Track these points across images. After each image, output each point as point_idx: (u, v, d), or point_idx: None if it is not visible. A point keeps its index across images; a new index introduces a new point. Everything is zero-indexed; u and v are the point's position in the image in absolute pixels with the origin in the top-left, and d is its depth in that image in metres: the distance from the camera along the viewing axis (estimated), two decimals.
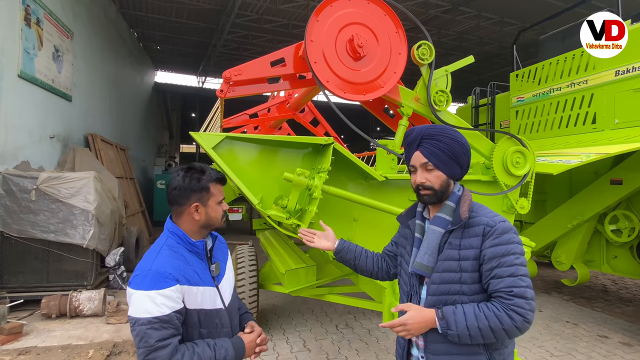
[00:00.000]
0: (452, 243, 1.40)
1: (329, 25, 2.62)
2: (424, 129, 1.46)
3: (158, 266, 1.36)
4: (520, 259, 1.32)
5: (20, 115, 5.69)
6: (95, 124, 8.88)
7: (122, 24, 11.52)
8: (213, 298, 1.48)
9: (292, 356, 3.81)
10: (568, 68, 5.15)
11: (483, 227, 1.36)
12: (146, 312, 1.29)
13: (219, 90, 2.82)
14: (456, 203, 1.44)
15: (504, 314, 1.27)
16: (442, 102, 2.92)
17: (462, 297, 1.37)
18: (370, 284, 3.44)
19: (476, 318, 1.29)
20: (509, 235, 1.34)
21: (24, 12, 5.67)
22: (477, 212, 1.42)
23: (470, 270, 1.36)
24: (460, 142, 1.43)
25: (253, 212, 9.89)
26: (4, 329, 3.87)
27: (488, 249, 1.34)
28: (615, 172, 4.59)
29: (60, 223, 4.93)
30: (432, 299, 1.41)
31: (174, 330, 1.33)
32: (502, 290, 1.29)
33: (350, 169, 2.54)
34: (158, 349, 1.28)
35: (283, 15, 11.44)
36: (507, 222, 1.38)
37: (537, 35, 7.37)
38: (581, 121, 4.93)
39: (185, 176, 1.46)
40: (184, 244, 1.47)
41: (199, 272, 1.45)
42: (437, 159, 1.41)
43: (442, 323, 1.33)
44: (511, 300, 1.27)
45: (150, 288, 1.31)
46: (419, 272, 1.44)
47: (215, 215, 1.50)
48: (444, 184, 1.42)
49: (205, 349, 1.38)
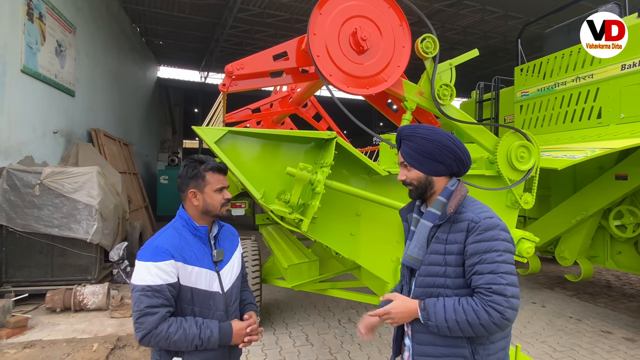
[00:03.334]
0: (439, 237, 1.43)
1: (332, 18, 2.59)
2: (401, 129, 1.52)
3: (159, 242, 1.53)
4: (503, 256, 1.33)
5: (24, 110, 5.70)
6: (98, 119, 8.89)
7: (125, 19, 11.49)
8: (210, 280, 1.60)
9: (294, 350, 3.83)
10: (573, 62, 5.10)
11: (468, 223, 1.38)
12: (142, 280, 1.46)
13: (221, 85, 2.80)
14: (447, 198, 1.45)
15: (481, 310, 1.29)
16: (447, 96, 2.89)
17: (446, 290, 1.40)
18: (373, 279, 3.44)
19: (455, 311, 1.32)
20: (494, 232, 1.35)
21: (27, 7, 5.66)
22: (466, 208, 1.43)
23: (454, 265, 1.38)
24: (433, 141, 1.44)
25: (256, 207, 9.91)
26: (9, 323, 3.90)
27: (470, 245, 1.36)
28: (620, 167, 4.55)
29: (64, 218, 4.95)
30: (418, 290, 1.45)
31: (164, 300, 1.47)
32: (481, 287, 1.31)
33: (353, 163, 2.53)
34: (147, 315, 1.43)
35: (285, 9, 11.37)
36: (495, 218, 1.38)
37: (542, 29, 7.29)
38: (586, 116, 4.89)
39: (186, 166, 1.64)
40: (188, 227, 1.62)
41: (198, 254, 1.59)
42: (412, 159, 1.47)
43: (423, 314, 1.38)
44: (489, 297, 1.29)
45: (148, 260, 1.48)
46: (408, 264, 1.49)
47: (211, 202, 1.61)
48: (423, 180, 1.47)
49: (192, 325, 1.50)
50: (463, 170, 1.50)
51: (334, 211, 2.52)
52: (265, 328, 4.35)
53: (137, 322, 1.44)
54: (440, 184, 1.48)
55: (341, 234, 2.58)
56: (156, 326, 1.43)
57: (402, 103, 2.98)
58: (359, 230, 2.63)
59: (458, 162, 1.47)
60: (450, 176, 1.50)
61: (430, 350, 1.41)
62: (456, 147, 1.46)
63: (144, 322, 1.43)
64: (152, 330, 1.43)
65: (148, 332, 1.43)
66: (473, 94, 7.46)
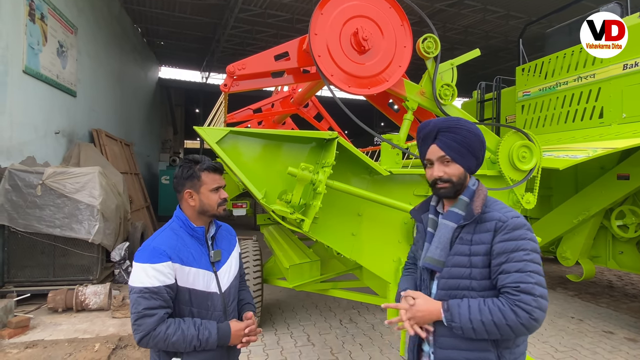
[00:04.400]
0: (463, 238, 1.38)
1: (333, 18, 2.59)
2: (440, 121, 1.43)
3: (156, 244, 1.52)
4: (530, 255, 1.29)
5: (26, 110, 5.72)
6: (100, 119, 8.90)
7: (126, 19, 11.51)
8: (207, 281, 1.59)
9: (296, 350, 3.83)
10: (575, 62, 5.09)
11: (495, 222, 1.33)
12: (139, 281, 1.46)
13: (222, 85, 2.80)
14: (470, 197, 1.41)
15: (508, 309, 1.24)
16: (448, 96, 2.89)
17: (471, 292, 1.34)
18: (374, 279, 3.44)
19: (480, 312, 1.27)
20: (521, 231, 1.31)
21: (28, 8, 5.68)
22: (490, 207, 1.39)
23: (481, 266, 1.34)
24: (476, 134, 1.41)
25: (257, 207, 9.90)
26: (11, 323, 3.91)
27: (498, 244, 1.31)
28: (622, 167, 4.54)
29: (65, 218, 4.96)
30: (441, 293, 1.39)
31: (162, 302, 1.47)
32: (508, 286, 1.27)
33: (355, 163, 2.53)
34: (145, 316, 1.43)
35: (287, 9, 11.38)
36: (521, 217, 1.34)
37: (543, 29, 7.28)
38: (588, 115, 4.88)
39: (181, 166, 1.64)
40: (185, 227, 1.62)
41: (195, 255, 1.58)
42: (455, 152, 1.39)
43: (446, 315, 1.32)
44: (517, 296, 1.24)
45: (145, 261, 1.48)
46: (429, 266, 1.42)
47: (208, 202, 1.61)
48: (462, 176, 1.40)
49: (190, 326, 1.50)
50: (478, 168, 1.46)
51: (335, 211, 2.52)
52: (267, 328, 4.35)
53: (136, 324, 1.44)
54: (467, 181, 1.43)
55: (342, 234, 2.58)
56: (154, 328, 1.43)
57: (404, 103, 2.98)
58: (360, 230, 2.62)
59: (483, 159, 1.45)
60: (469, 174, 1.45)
61: (454, 355, 1.35)
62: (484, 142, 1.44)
63: (142, 324, 1.43)
64: (150, 332, 1.43)
65: (146, 333, 1.43)
66: (474, 94, 7.45)
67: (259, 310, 4.10)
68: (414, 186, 2.78)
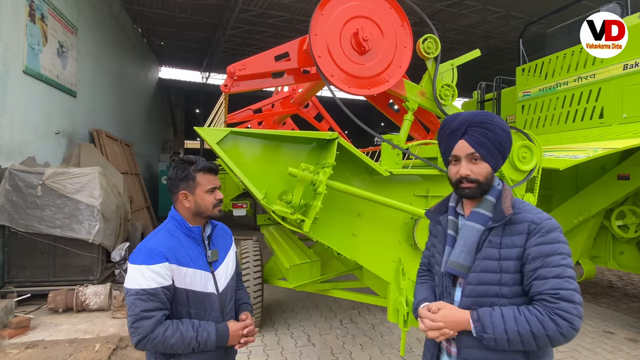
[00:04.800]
0: (492, 241, 1.27)
1: (333, 18, 2.59)
2: (471, 115, 1.33)
3: (152, 245, 1.50)
4: (567, 259, 1.21)
5: (26, 111, 5.72)
6: (100, 119, 8.90)
7: (126, 20, 11.52)
8: (205, 282, 1.58)
9: (296, 351, 3.83)
10: (575, 62, 5.09)
11: (528, 224, 1.24)
12: (136, 283, 1.43)
13: (223, 85, 2.81)
14: (497, 198, 1.31)
15: (547, 319, 1.15)
16: (448, 96, 2.90)
17: (501, 299, 1.24)
18: (374, 279, 3.44)
19: (516, 321, 1.17)
20: (555, 234, 1.23)
21: (29, 8, 5.68)
22: (519, 208, 1.29)
23: (512, 272, 1.24)
24: (508, 132, 1.31)
25: (257, 207, 9.92)
26: (11, 323, 3.91)
27: (532, 248, 1.22)
28: (622, 167, 4.54)
29: (66, 218, 4.97)
30: (468, 300, 1.28)
31: (160, 304, 1.44)
32: (546, 293, 1.17)
33: (355, 164, 2.53)
34: (143, 319, 1.41)
35: (287, 9, 11.38)
36: (553, 219, 1.26)
37: (543, 29, 7.27)
38: (588, 116, 4.88)
39: (175, 167, 1.62)
40: (182, 228, 1.60)
41: (192, 256, 1.56)
42: (485, 150, 1.28)
43: (477, 325, 1.22)
44: (556, 304, 1.15)
45: (142, 263, 1.45)
46: (453, 271, 1.32)
47: (203, 203, 1.59)
48: (489, 176, 1.30)
49: (188, 328, 1.48)
50: None
51: (335, 211, 2.51)
52: (267, 328, 4.35)
53: (133, 327, 1.41)
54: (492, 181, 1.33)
55: (343, 234, 2.58)
56: (152, 330, 1.41)
57: (404, 103, 2.98)
58: (360, 231, 2.62)
59: None
60: None
61: None
62: None
63: (139, 327, 1.40)
64: (148, 335, 1.41)
65: (144, 336, 1.41)
66: (475, 94, 7.45)
67: (259, 310, 4.09)
68: (414, 186, 2.78)
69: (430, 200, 2.80)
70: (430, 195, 2.79)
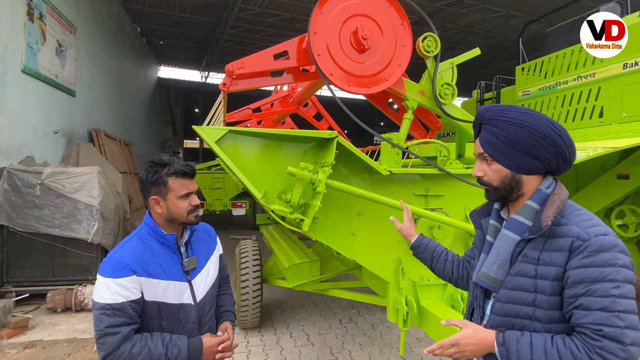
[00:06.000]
0: (527, 255, 1.10)
1: (332, 17, 2.58)
2: (484, 109, 1.19)
3: (119, 256, 1.42)
4: (621, 288, 0.99)
5: (24, 110, 5.70)
6: (99, 119, 8.89)
7: (125, 19, 11.50)
8: (179, 292, 1.48)
9: (295, 350, 3.82)
10: (575, 61, 5.08)
11: (572, 240, 1.04)
12: (102, 297, 1.35)
13: (221, 84, 2.79)
14: (541, 204, 1.12)
15: (585, 357, 0.97)
16: (448, 95, 2.89)
17: (534, 323, 1.08)
18: (374, 279, 3.43)
19: (545, 353, 1.01)
20: (609, 255, 1.00)
21: (27, 7, 5.66)
22: (568, 219, 1.08)
23: (549, 293, 1.06)
24: (528, 127, 1.10)
25: (256, 206, 9.91)
26: (10, 323, 3.90)
27: (574, 270, 1.02)
28: (622, 166, 4.53)
29: (64, 218, 4.95)
30: (497, 319, 1.15)
31: (127, 319, 1.36)
32: (587, 327, 0.99)
33: (354, 163, 2.52)
34: (107, 335, 1.33)
35: (286, 8, 11.36)
36: (611, 235, 1.03)
37: (543, 28, 7.27)
38: (588, 115, 4.87)
39: (146, 170, 1.49)
40: (155, 235, 1.50)
41: (165, 266, 1.46)
42: (495, 150, 1.14)
43: (501, 350, 1.07)
44: (599, 342, 0.97)
45: (108, 275, 1.37)
46: (483, 284, 1.19)
47: (176, 210, 1.48)
48: (506, 180, 1.14)
49: (158, 343, 1.39)
50: (563, 167, 1.16)
51: (335, 211, 2.51)
52: (266, 328, 4.34)
53: (99, 342, 1.34)
54: (530, 184, 1.14)
55: (342, 233, 2.57)
56: (118, 347, 1.33)
57: (404, 102, 2.97)
58: (360, 230, 2.61)
59: (559, 157, 1.12)
60: (544, 175, 1.16)
61: None
62: (560, 137, 1.10)
63: (105, 343, 1.33)
64: (113, 351, 1.33)
65: (109, 352, 1.33)
66: (474, 93, 7.44)
67: (258, 310, 4.08)
68: (414, 186, 2.77)
69: (430, 200, 2.79)
70: (430, 194, 2.79)
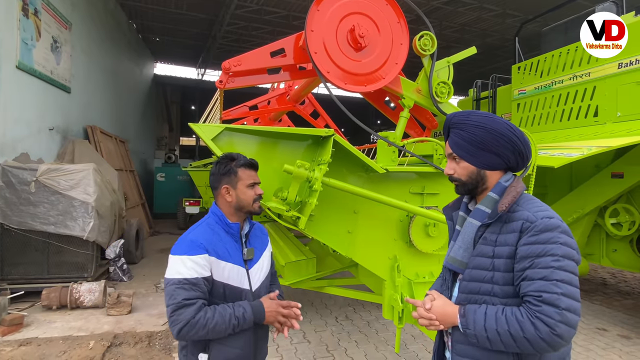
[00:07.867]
0: (487, 238, 1.28)
1: (329, 15, 2.58)
2: (451, 116, 1.36)
3: (193, 237, 1.55)
4: (561, 261, 1.14)
5: (19, 106, 5.66)
6: (95, 116, 8.83)
7: (121, 15, 11.42)
8: (240, 278, 1.62)
9: (292, 347, 3.83)
10: (570, 60, 5.11)
11: (522, 222, 1.21)
12: (178, 273, 1.47)
13: (218, 81, 2.79)
14: (500, 194, 1.30)
15: (527, 321, 1.13)
16: (444, 93, 2.90)
17: (493, 298, 1.24)
18: (370, 276, 3.44)
19: (496, 320, 1.17)
20: (551, 234, 1.17)
21: (22, 3, 5.61)
22: (521, 206, 1.26)
23: (503, 270, 1.23)
24: (488, 129, 1.28)
25: None
26: (5, 320, 3.88)
27: (522, 247, 1.19)
28: (616, 165, 4.57)
29: (60, 215, 4.93)
30: (462, 297, 1.32)
31: (200, 293, 1.48)
32: (530, 294, 1.15)
33: (351, 161, 2.53)
34: (184, 306, 1.43)
35: (283, 6, 11.33)
36: (555, 219, 1.20)
37: (539, 28, 7.31)
38: (583, 114, 4.90)
39: (217, 163, 1.68)
40: (221, 224, 1.65)
41: (230, 251, 1.60)
42: (462, 150, 1.32)
43: (462, 320, 1.25)
44: (538, 307, 1.12)
45: (183, 253, 1.50)
46: (451, 267, 1.36)
47: (244, 198, 1.64)
48: (473, 175, 1.32)
49: (225, 307, 1.52)
50: (522, 164, 1.33)
51: (331, 209, 2.51)
52: None
53: (174, 315, 1.42)
54: (493, 179, 1.33)
55: (338, 231, 2.58)
56: (194, 316, 1.43)
57: (400, 100, 2.98)
58: (356, 228, 2.62)
59: (516, 154, 1.30)
60: (505, 170, 1.34)
61: None
62: (515, 136, 1.29)
63: (181, 314, 1.42)
64: (190, 320, 1.42)
65: (186, 323, 1.42)
66: (470, 92, 7.47)
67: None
68: (410, 184, 2.79)
69: (426, 198, 2.80)
70: (426, 192, 2.80)
